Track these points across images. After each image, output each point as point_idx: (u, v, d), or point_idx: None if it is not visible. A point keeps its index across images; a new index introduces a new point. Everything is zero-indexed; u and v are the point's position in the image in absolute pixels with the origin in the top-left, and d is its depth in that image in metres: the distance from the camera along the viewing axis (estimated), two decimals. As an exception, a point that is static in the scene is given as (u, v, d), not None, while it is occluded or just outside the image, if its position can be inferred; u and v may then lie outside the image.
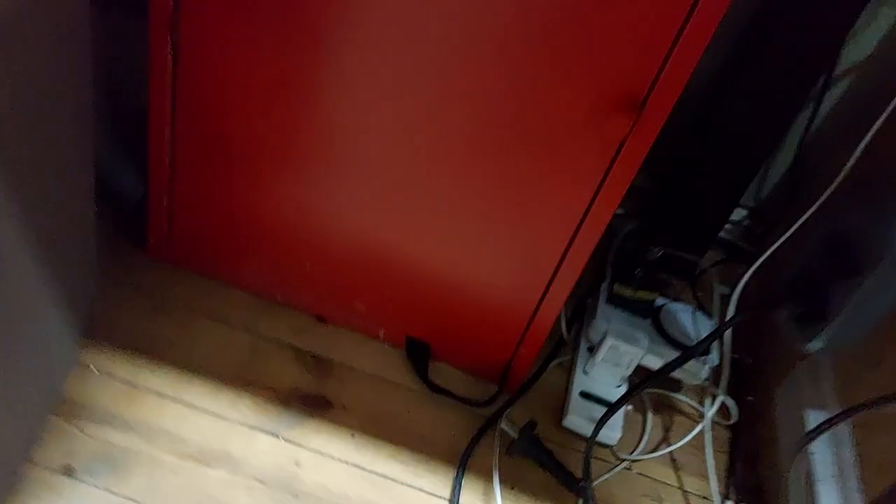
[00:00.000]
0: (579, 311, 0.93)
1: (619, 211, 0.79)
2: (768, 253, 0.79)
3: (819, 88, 0.89)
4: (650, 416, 0.86)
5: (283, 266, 0.80)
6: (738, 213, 1.13)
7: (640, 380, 0.73)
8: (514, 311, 0.77)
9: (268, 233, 0.78)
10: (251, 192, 0.76)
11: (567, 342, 0.90)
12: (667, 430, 0.86)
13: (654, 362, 0.80)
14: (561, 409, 0.83)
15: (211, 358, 0.77)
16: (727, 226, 1.07)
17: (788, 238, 0.77)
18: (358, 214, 0.74)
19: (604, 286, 0.86)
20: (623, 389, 0.83)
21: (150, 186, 0.78)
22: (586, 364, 0.85)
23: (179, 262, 0.83)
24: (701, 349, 0.79)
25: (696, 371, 0.81)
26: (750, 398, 0.88)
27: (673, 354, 0.81)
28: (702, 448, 0.85)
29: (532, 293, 0.75)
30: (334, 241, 0.77)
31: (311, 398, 0.77)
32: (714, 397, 0.81)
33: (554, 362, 0.88)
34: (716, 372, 0.84)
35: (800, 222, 0.76)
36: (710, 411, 0.80)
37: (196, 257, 0.82)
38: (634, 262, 0.87)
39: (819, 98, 0.90)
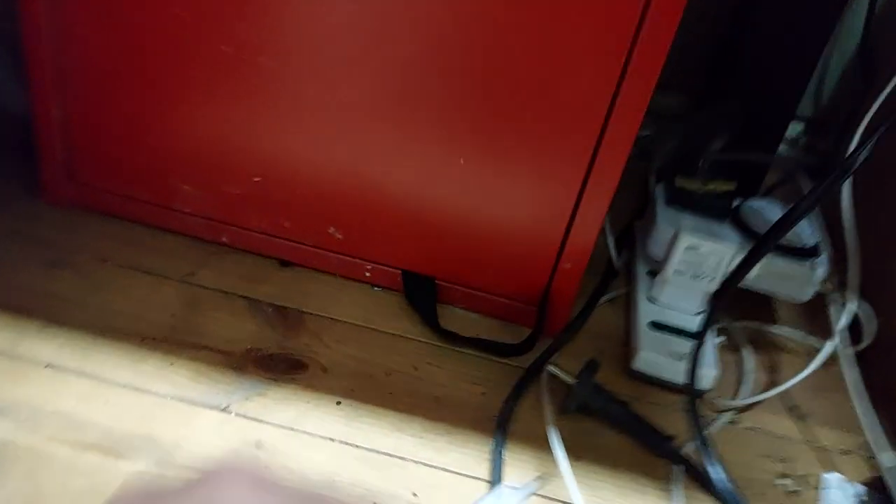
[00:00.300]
0: (626, 236, 0.71)
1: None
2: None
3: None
4: (748, 353, 0.63)
5: (228, 196, 0.59)
6: (794, 128, 0.92)
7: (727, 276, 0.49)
8: (540, 230, 0.56)
9: (203, 151, 0.57)
10: (175, 101, 0.55)
11: (618, 272, 0.68)
12: (773, 370, 0.62)
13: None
14: (622, 352, 0.60)
15: (131, 318, 0.55)
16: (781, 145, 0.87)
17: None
18: (328, 135, 0.54)
19: (658, 189, 0.64)
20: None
21: (33, 104, 0.57)
22: (651, 289, 0.62)
23: (86, 203, 0.62)
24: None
25: (803, 279, 0.59)
26: (880, 318, 0.65)
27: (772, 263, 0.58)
28: (828, 387, 0.61)
29: (558, 207, 0.54)
30: (296, 161, 0.56)
31: (275, 360, 0.54)
32: (843, 305, 0.58)
33: (604, 298, 0.65)
34: (833, 280, 0.61)
35: None
36: (841, 322, 0.57)
37: (107, 195, 0.61)
38: (696, 154, 0.66)
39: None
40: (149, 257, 0.60)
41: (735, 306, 0.66)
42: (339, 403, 0.52)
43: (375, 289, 0.61)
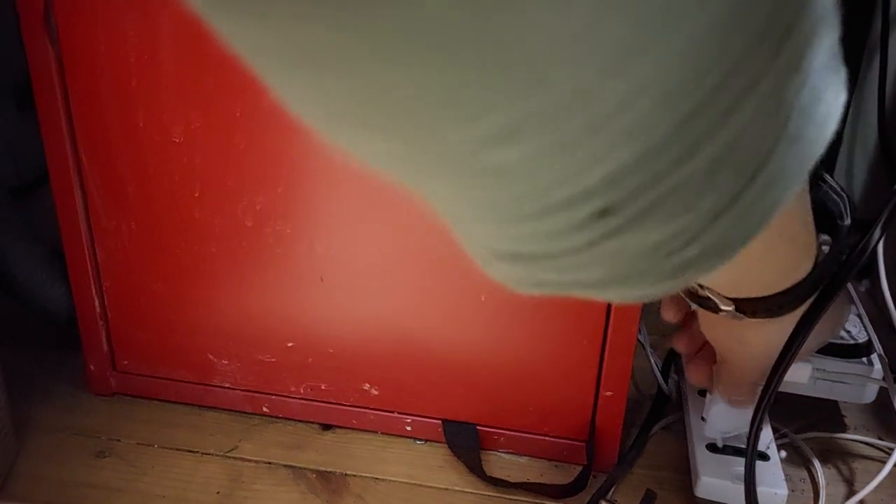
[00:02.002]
0: (674, 357, 0.69)
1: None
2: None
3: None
4: (819, 465, 0.59)
5: (264, 365, 0.60)
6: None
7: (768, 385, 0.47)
8: (572, 359, 0.55)
9: (235, 324, 0.59)
10: (203, 280, 0.58)
11: (670, 395, 0.65)
12: (849, 481, 0.58)
13: (803, 373, 0.55)
14: (685, 480, 0.57)
15: (174, 501, 0.54)
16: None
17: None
18: (352, 294, 0.56)
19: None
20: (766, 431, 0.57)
21: (77, 302, 0.60)
22: (704, 409, 0.60)
23: (130, 389, 0.63)
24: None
25: (860, 377, 0.56)
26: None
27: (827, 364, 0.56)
28: (913, 491, 0.57)
29: (586, 332, 0.54)
30: (325, 323, 0.57)
31: (321, 527, 0.53)
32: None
33: (658, 425, 0.63)
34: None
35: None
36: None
37: (149, 380, 0.62)
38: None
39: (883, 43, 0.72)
40: (191, 436, 0.60)
41: (801, 416, 0.63)
42: (388, 568, 0.50)
43: (418, 442, 0.60)
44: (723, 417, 0.54)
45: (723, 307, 0.38)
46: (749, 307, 0.38)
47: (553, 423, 0.58)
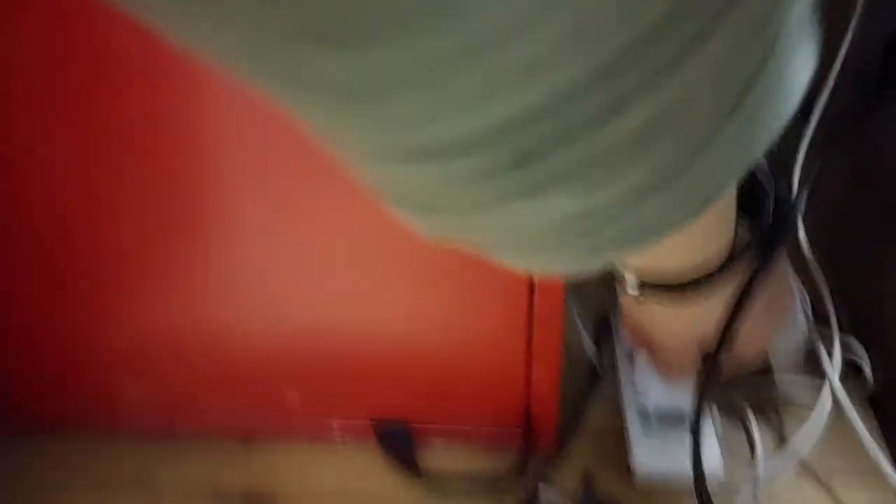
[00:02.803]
0: (606, 326, 0.67)
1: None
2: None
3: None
4: (753, 421, 0.59)
5: (173, 385, 0.55)
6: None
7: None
8: (500, 345, 0.52)
9: (135, 346, 0.54)
10: (88, 304, 0.52)
11: (603, 370, 0.64)
12: (783, 437, 0.58)
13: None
14: (623, 451, 0.56)
15: (89, 546, 0.50)
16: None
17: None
18: (260, 302, 0.51)
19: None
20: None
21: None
22: (634, 376, 0.58)
23: (32, 429, 0.58)
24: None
25: (787, 328, 0.55)
26: (875, 354, 0.61)
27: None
28: (846, 438, 0.57)
29: (511, 315, 0.51)
30: (233, 335, 0.53)
31: (251, 556, 0.49)
32: (830, 342, 0.54)
33: (594, 396, 0.61)
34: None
35: None
36: (833, 367, 0.53)
37: (50, 415, 0.57)
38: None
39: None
40: (103, 470, 0.55)
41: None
42: (326, 593, 0.47)
43: (346, 445, 0.57)
44: (658, 393, 0.53)
45: (629, 289, 0.36)
46: (653, 293, 0.35)
47: (487, 412, 0.56)
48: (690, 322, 0.39)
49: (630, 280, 0.36)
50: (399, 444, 0.56)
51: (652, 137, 0.16)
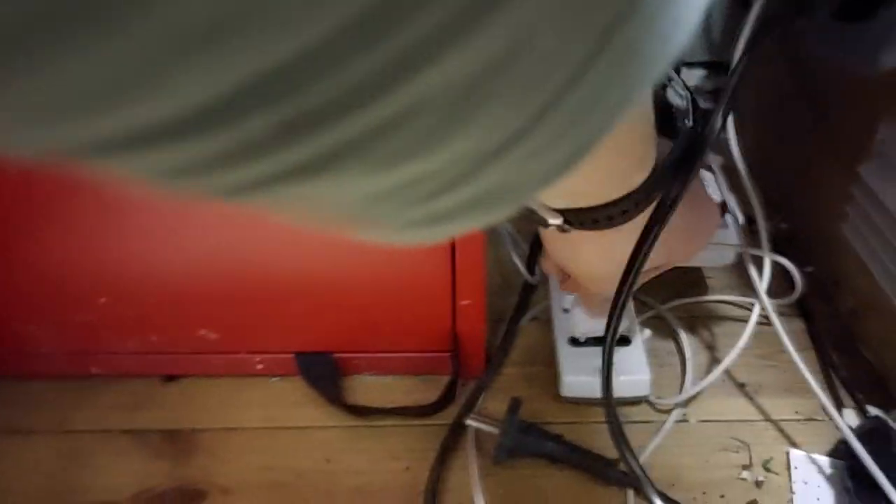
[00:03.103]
0: (536, 245, 0.66)
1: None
2: None
3: None
4: (685, 336, 0.58)
5: (81, 325, 0.53)
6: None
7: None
8: (423, 271, 0.50)
9: (32, 286, 0.51)
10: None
11: (536, 286, 0.63)
12: (714, 349, 0.58)
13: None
14: (553, 374, 0.55)
15: (2, 492, 0.48)
16: None
17: None
18: (161, 234, 0.48)
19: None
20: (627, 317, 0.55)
21: None
22: (563, 299, 0.57)
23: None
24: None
25: (721, 239, 0.54)
26: (809, 268, 0.61)
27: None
28: (774, 352, 0.57)
29: (435, 248, 0.48)
30: (138, 271, 0.50)
31: (168, 497, 0.48)
32: (760, 261, 0.53)
33: (526, 317, 0.60)
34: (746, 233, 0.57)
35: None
36: (763, 281, 0.52)
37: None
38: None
39: None
40: (14, 414, 0.53)
41: (668, 286, 0.62)
42: (247, 528, 0.46)
43: (273, 380, 0.56)
44: (584, 322, 0.52)
45: (550, 220, 0.34)
46: (576, 218, 0.33)
47: (414, 339, 0.54)
48: (612, 248, 0.37)
49: (543, 210, 0.34)
50: (324, 376, 0.54)
51: (470, 98, 0.13)
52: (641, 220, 0.34)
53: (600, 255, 0.37)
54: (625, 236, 0.35)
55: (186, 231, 0.48)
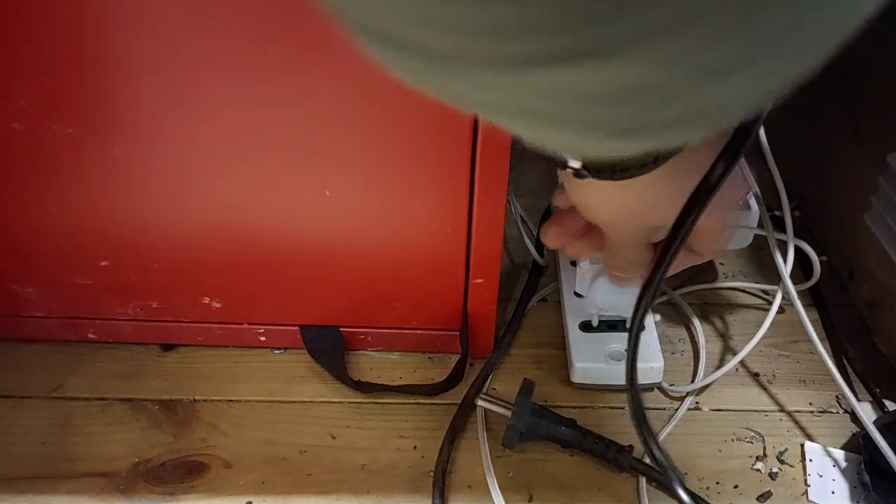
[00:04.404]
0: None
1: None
2: None
3: None
4: (697, 322, 0.57)
5: (80, 289, 0.51)
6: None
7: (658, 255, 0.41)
8: (437, 248, 0.48)
9: (31, 247, 0.48)
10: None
11: (545, 267, 0.61)
12: (728, 336, 0.57)
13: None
14: (563, 355, 0.54)
15: (-7, 459, 0.47)
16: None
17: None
18: (168, 199, 0.46)
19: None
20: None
21: None
22: (576, 281, 0.56)
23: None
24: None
25: (742, 221, 0.52)
26: (823, 258, 0.59)
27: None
28: (790, 341, 0.56)
29: (449, 218, 0.47)
30: (142, 234, 0.48)
31: (168, 469, 0.46)
32: (785, 246, 0.52)
33: (535, 298, 0.59)
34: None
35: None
36: (787, 267, 0.50)
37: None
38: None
39: None
40: (8, 378, 0.51)
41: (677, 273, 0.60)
42: (249, 503, 0.45)
43: (276, 352, 0.54)
44: (604, 293, 0.50)
45: (570, 162, 0.33)
46: (594, 165, 0.33)
47: (423, 316, 0.53)
48: (624, 199, 0.36)
49: (573, 160, 0.33)
50: (329, 350, 0.53)
51: (736, 17, 0.14)
52: (658, 174, 0.33)
53: (616, 203, 0.36)
54: (639, 189, 0.34)
55: (194, 195, 0.46)
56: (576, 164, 0.33)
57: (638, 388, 0.41)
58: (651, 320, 0.53)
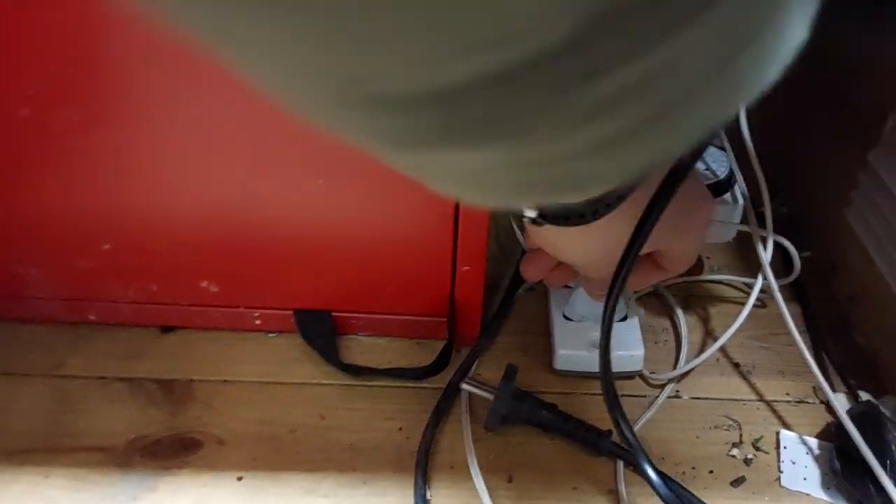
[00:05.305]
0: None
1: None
2: None
3: None
4: (680, 313, 0.59)
5: (81, 271, 0.52)
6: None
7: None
8: (425, 236, 0.50)
9: (35, 229, 0.50)
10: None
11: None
12: (710, 327, 0.58)
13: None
14: (547, 344, 0.55)
15: (-5, 433, 0.49)
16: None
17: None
18: (169, 184, 0.48)
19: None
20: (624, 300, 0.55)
21: None
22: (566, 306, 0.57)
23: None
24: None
25: (725, 216, 0.54)
26: (806, 253, 0.61)
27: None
28: (769, 333, 0.57)
29: (437, 208, 0.48)
30: (143, 219, 0.50)
31: (164, 444, 0.48)
32: (763, 241, 0.53)
33: (523, 287, 0.60)
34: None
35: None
36: (764, 257, 0.52)
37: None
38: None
39: None
40: (8, 356, 0.53)
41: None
42: (240, 479, 0.47)
43: (270, 335, 0.56)
44: (583, 305, 0.52)
45: (526, 212, 0.34)
46: (550, 213, 0.34)
47: (411, 302, 0.54)
48: (598, 240, 0.38)
49: (528, 210, 0.34)
50: (321, 334, 0.54)
51: (619, 103, 0.15)
52: (611, 219, 0.35)
53: (574, 247, 0.38)
54: (601, 231, 0.35)
55: (196, 182, 0.48)
56: (531, 213, 0.35)
57: (612, 375, 0.42)
58: (633, 310, 0.54)
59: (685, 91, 0.15)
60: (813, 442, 0.50)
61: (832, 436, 0.50)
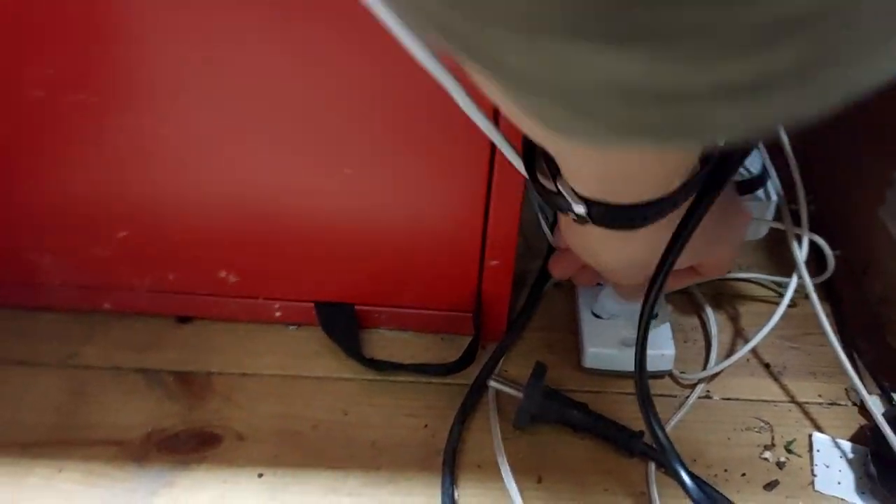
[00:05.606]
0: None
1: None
2: None
3: None
4: (710, 312, 0.57)
5: (97, 259, 0.51)
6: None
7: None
8: (453, 229, 0.48)
9: (53, 216, 0.49)
10: (10, 170, 0.46)
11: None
12: (740, 326, 0.57)
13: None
14: (576, 342, 0.54)
15: (7, 426, 0.47)
16: None
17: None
18: (190, 172, 0.46)
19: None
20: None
21: None
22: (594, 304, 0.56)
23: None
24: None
25: (758, 213, 0.52)
26: (837, 252, 0.59)
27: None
28: (802, 333, 0.56)
29: (467, 200, 0.47)
30: (161, 207, 0.48)
31: (182, 439, 0.47)
32: (798, 239, 0.52)
33: (549, 283, 0.59)
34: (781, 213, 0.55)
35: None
36: (799, 256, 0.50)
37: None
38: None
39: None
40: (22, 345, 0.52)
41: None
42: (261, 476, 0.45)
43: (290, 328, 0.54)
44: (612, 303, 0.51)
45: (574, 207, 0.33)
46: (598, 212, 0.32)
47: (437, 296, 0.53)
48: (623, 248, 0.37)
49: (571, 196, 0.33)
50: (343, 327, 0.53)
51: (786, 32, 0.14)
52: (656, 227, 0.33)
53: (611, 252, 0.37)
54: (639, 239, 0.34)
55: (216, 168, 0.46)
56: (580, 209, 0.33)
57: (646, 374, 0.41)
58: (664, 309, 0.53)
59: (858, 39, 0.14)
60: (846, 445, 0.49)
61: (866, 439, 0.49)
